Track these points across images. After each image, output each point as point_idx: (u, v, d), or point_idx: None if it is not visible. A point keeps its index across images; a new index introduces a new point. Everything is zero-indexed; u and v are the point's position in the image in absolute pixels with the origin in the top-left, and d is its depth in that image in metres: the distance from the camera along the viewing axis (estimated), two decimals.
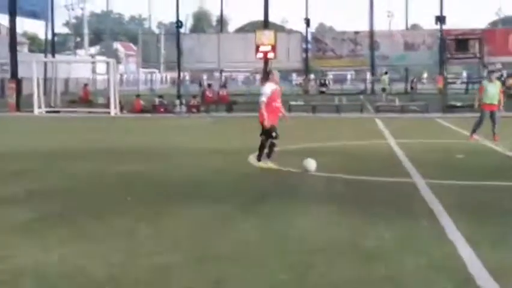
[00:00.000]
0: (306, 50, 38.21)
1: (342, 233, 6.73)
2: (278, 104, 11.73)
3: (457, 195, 9.02)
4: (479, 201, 8.64)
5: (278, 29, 43.41)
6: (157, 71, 67.20)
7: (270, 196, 9.03)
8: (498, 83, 16.87)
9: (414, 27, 58.02)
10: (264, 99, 11.54)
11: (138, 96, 32.00)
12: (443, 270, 5.46)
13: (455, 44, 32.60)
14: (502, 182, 10.03)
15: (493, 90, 16.27)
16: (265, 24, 31.97)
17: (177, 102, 30.73)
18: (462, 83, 56.00)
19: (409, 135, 17.93)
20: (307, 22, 37.66)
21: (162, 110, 30.06)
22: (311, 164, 10.79)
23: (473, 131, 16.31)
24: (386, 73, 38.23)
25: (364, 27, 38.53)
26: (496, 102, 16.28)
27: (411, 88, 42.60)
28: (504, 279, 5.12)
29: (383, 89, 36.09)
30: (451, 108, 27.86)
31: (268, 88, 11.67)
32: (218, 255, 5.95)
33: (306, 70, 41.55)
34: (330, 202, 8.56)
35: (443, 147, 15.13)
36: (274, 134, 11.45)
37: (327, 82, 56.44)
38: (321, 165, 11.01)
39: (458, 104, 28.97)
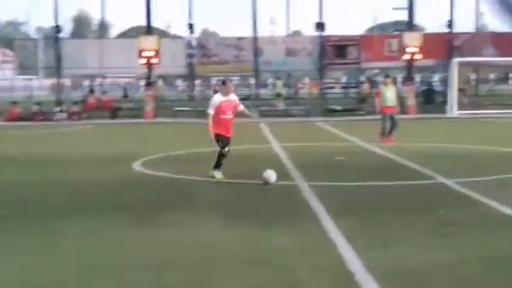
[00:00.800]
0: (190, 56, 37.99)
1: (230, 241, 6.71)
2: (228, 116, 10.92)
3: (338, 197, 9.28)
4: (359, 201, 8.93)
5: (162, 34, 42.89)
6: (35, 77, 64.39)
7: (156, 205, 8.87)
8: (393, 88, 17.95)
9: (296, 33, 59.48)
10: (210, 111, 10.85)
11: (14, 103, 30.54)
12: (325, 271, 5.57)
13: (334, 50, 33.67)
14: (380, 182, 10.44)
15: (390, 94, 17.21)
16: (148, 29, 31.53)
17: (57, 109, 29.65)
18: (342, 87, 58.08)
19: (292, 138, 18.29)
20: (191, 27, 37.50)
21: (41, 117, 28.86)
22: (271, 175, 10.33)
23: (383, 134, 16.92)
24: (279, 78, 38.68)
25: (247, 33, 38.72)
26: (393, 105, 17.11)
27: (295, 93, 43.48)
28: (381, 276, 5.30)
29: (278, 94, 36.23)
30: (331, 112, 28.80)
31: (217, 99, 10.90)
32: (107, 267, 5.76)
33: (190, 76, 41.37)
34: (216, 209, 8.54)
35: (324, 150, 15.57)
36: (220, 144, 10.84)
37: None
38: (206, 171, 10.95)
39: (338, 108, 30.03)
